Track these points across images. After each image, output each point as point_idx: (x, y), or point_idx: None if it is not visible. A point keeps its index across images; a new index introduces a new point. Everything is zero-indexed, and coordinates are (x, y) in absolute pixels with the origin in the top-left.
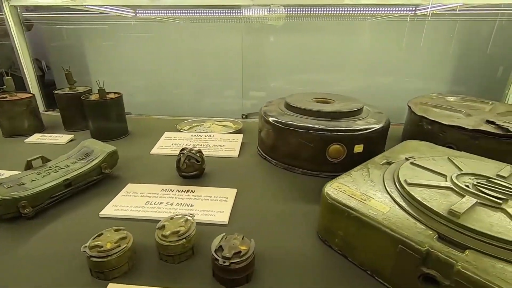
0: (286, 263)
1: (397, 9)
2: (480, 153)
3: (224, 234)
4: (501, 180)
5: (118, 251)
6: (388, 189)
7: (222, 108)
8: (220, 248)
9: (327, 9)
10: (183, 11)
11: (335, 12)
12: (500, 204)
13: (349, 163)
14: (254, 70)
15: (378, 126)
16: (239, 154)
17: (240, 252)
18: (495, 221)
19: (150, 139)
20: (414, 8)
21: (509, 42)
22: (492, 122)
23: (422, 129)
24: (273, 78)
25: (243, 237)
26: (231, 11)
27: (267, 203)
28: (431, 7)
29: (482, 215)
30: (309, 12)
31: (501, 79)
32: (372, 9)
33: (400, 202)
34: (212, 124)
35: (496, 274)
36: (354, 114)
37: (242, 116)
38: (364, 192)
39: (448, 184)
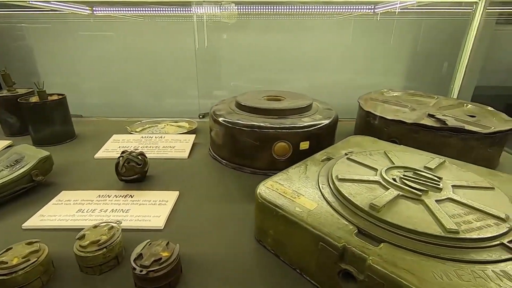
0: (219, 266)
1: (355, 7)
2: (419, 145)
3: (148, 240)
4: (427, 172)
5: (26, 267)
6: (320, 186)
7: (180, 108)
8: (140, 256)
9: (280, 7)
10: (135, 8)
11: (288, 10)
12: (420, 196)
13: (296, 160)
14: (210, 69)
15: (324, 123)
16: (189, 155)
17: (160, 259)
18: (413, 213)
19: (97, 143)
20: (373, 7)
21: (452, 40)
22: (432, 116)
23: (370, 124)
24: (234, 77)
25: (168, 243)
26: (183, 9)
27: (210, 205)
28: (387, 6)
29: (403, 207)
30: (262, 10)
31: (447, 74)
32: (331, 7)
33: (329, 198)
34: (167, 125)
35: (404, 267)
36: (301, 111)
37: (199, 116)
38: (296, 189)
39: (377, 178)
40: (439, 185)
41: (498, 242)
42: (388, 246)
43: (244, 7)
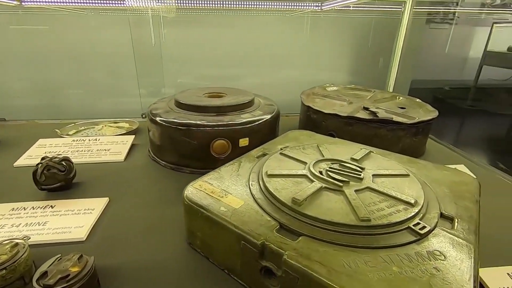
0: (147, 274)
1: (304, 5)
2: (354, 137)
3: (58, 255)
4: (352, 163)
5: None
6: (250, 183)
7: (122, 108)
8: (44, 275)
9: (227, 3)
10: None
11: (235, 5)
12: (341, 187)
13: (236, 157)
14: (154, 66)
15: (264, 118)
16: (126, 158)
17: (68, 275)
18: (333, 205)
19: (20, 149)
20: (320, 4)
21: (388, 37)
22: (367, 108)
23: (310, 118)
24: (181, 74)
25: (80, 256)
26: (115, 1)
27: (143, 210)
28: (332, 4)
29: (324, 199)
30: (203, 5)
31: (384, 69)
32: (281, 4)
33: (256, 195)
34: (105, 126)
35: (317, 259)
36: (241, 107)
37: (142, 116)
38: (225, 188)
39: (305, 172)
40: (360, 175)
41: (405, 226)
42: (306, 239)
43: (187, 2)
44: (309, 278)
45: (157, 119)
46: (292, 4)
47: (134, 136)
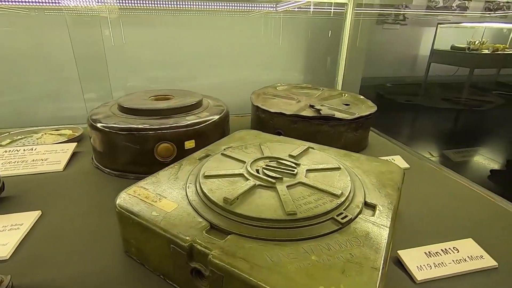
0: None
1: (260, 5)
2: (299, 135)
3: None
4: (288, 160)
5: None
6: (187, 185)
7: (65, 114)
8: None
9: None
10: None
11: (182, 6)
12: (274, 183)
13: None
14: (98, 68)
15: (211, 119)
16: (65, 167)
17: None
18: (264, 201)
19: None
20: (275, 5)
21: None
22: (312, 106)
23: (259, 118)
24: (132, 77)
25: None
26: (50, 0)
27: (80, 221)
28: (286, 5)
29: (256, 197)
30: (154, 5)
31: (332, 68)
32: (235, 4)
33: (191, 197)
34: (46, 134)
35: (242, 256)
36: (188, 109)
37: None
38: (160, 192)
39: (242, 171)
40: (294, 171)
41: (329, 217)
42: (234, 237)
43: (133, 2)
44: (232, 276)
45: (98, 124)
46: (248, 5)
47: (76, 143)
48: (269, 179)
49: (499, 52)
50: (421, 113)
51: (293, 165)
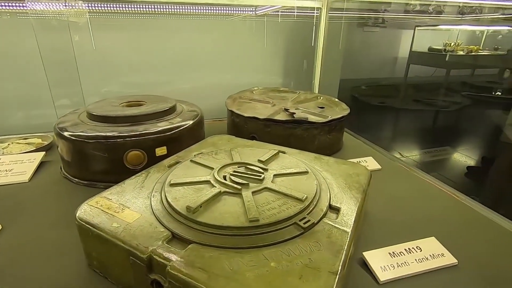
0: None
1: (238, 9)
2: (273, 139)
3: None
4: (257, 165)
5: None
6: (153, 194)
7: (34, 122)
8: None
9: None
10: None
11: (158, 9)
12: (239, 190)
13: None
14: (71, 74)
15: (184, 125)
16: (31, 178)
17: None
18: (228, 208)
19: None
20: (254, 9)
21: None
22: (287, 110)
23: (234, 122)
24: (107, 82)
25: None
26: (15, 4)
27: (42, 235)
28: (265, 9)
29: (220, 204)
30: (117, 9)
31: (309, 71)
32: (215, 8)
33: (155, 207)
34: (12, 143)
35: (200, 266)
36: (159, 115)
37: None
38: (123, 202)
39: (208, 178)
40: (260, 177)
41: (292, 222)
42: (195, 246)
43: (104, 5)
44: (189, 286)
45: (64, 133)
46: (226, 9)
47: (44, 152)
48: (235, 185)
49: (473, 54)
50: (393, 114)
51: (261, 170)
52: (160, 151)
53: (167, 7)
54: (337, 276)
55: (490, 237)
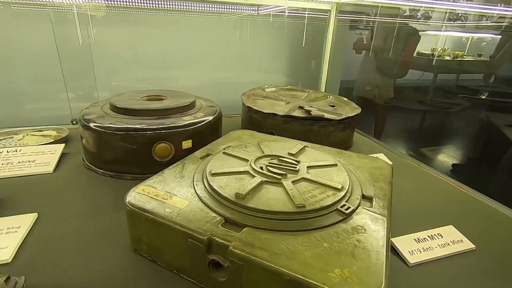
0: None
1: (241, 8)
2: (291, 134)
3: None
4: (289, 157)
5: None
6: (195, 183)
7: (46, 114)
8: None
9: (156, 2)
10: None
11: (171, 6)
12: (279, 179)
13: (180, 160)
14: (81, 67)
15: (206, 120)
16: (55, 169)
17: None
18: (273, 196)
19: None
20: (257, 8)
21: (319, 41)
22: (302, 107)
23: (251, 118)
24: (115, 76)
25: (7, 278)
26: None
27: (79, 222)
28: (267, 9)
29: (264, 192)
30: (137, 4)
31: (316, 71)
32: (218, 6)
33: (201, 194)
34: (27, 135)
35: (260, 246)
36: (183, 110)
37: (71, 122)
38: (169, 190)
39: (247, 168)
40: (296, 168)
41: (334, 208)
42: (249, 229)
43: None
44: (253, 264)
45: (91, 124)
46: (230, 7)
47: (64, 144)
48: (275, 175)
49: (459, 59)
50: (399, 114)
51: (295, 162)
52: (186, 144)
53: (174, 3)
54: (385, 254)
55: (500, 225)
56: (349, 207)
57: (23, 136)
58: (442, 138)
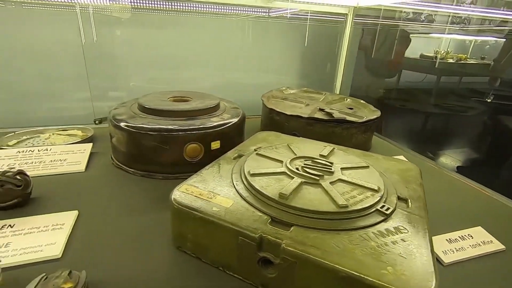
0: (137, 285)
1: (253, 10)
2: (314, 136)
3: (43, 274)
4: (322, 159)
5: None
6: (234, 183)
7: (69, 113)
8: None
9: (181, 4)
10: None
11: (188, 8)
12: (318, 180)
13: (209, 160)
14: (104, 67)
15: (233, 121)
16: (86, 167)
17: None
18: (314, 196)
19: None
20: (268, 11)
21: (334, 43)
22: (322, 110)
23: (273, 120)
24: (134, 77)
25: (70, 272)
26: None
27: (118, 220)
28: (278, 12)
29: (305, 192)
30: (159, 5)
31: (330, 73)
32: (232, 8)
33: (243, 194)
34: (53, 134)
35: (311, 244)
36: (210, 111)
37: (94, 122)
38: (211, 189)
39: (283, 169)
40: (331, 169)
41: (374, 209)
42: (297, 228)
43: (139, 1)
44: (306, 261)
45: (122, 124)
46: (241, 9)
47: (91, 144)
48: (313, 176)
49: (462, 62)
50: (414, 117)
51: (329, 164)
52: (215, 144)
53: (189, 5)
54: (433, 252)
55: None
56: (388, 208)
57: (49, 135)
58: (455, 139)
